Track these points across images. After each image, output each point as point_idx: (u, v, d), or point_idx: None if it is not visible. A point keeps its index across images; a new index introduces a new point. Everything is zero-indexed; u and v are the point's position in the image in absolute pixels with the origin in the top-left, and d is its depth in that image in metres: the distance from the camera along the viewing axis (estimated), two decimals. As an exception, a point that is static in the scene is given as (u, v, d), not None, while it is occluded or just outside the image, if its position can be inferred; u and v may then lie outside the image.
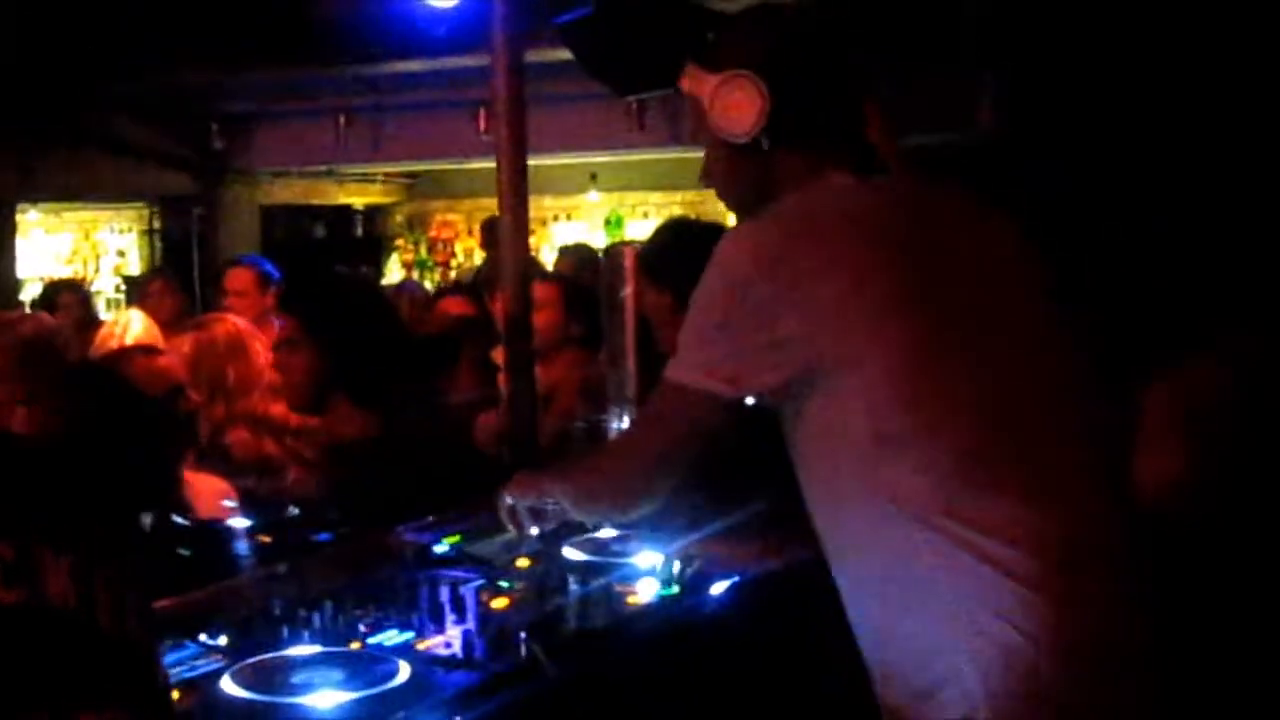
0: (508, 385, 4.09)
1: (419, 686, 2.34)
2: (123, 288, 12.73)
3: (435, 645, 2.61)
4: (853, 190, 2.39)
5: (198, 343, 4.40)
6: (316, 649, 2.54)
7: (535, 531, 2.82)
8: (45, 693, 1.48)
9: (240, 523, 3.41)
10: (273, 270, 6.60)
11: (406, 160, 12.32)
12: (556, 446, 4.32)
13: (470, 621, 2.66)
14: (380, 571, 3.00)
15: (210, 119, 11.32)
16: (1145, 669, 2.28)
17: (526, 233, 4.55)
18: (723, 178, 2.50)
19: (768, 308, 2.23)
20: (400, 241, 13.91)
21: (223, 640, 2.58)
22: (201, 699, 2.31)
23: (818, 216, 2.33)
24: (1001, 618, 2.18)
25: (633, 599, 2.90)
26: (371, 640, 2.63)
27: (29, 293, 11.71)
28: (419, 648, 2.58)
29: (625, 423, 3.95)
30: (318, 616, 2.68)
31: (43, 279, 12.19)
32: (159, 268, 11.33)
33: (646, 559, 3.08)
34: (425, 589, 2.85)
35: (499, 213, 4.52)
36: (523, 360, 4.14)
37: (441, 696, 2.34)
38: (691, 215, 12.72)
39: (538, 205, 12.18)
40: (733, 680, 2.78)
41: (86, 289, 10.48)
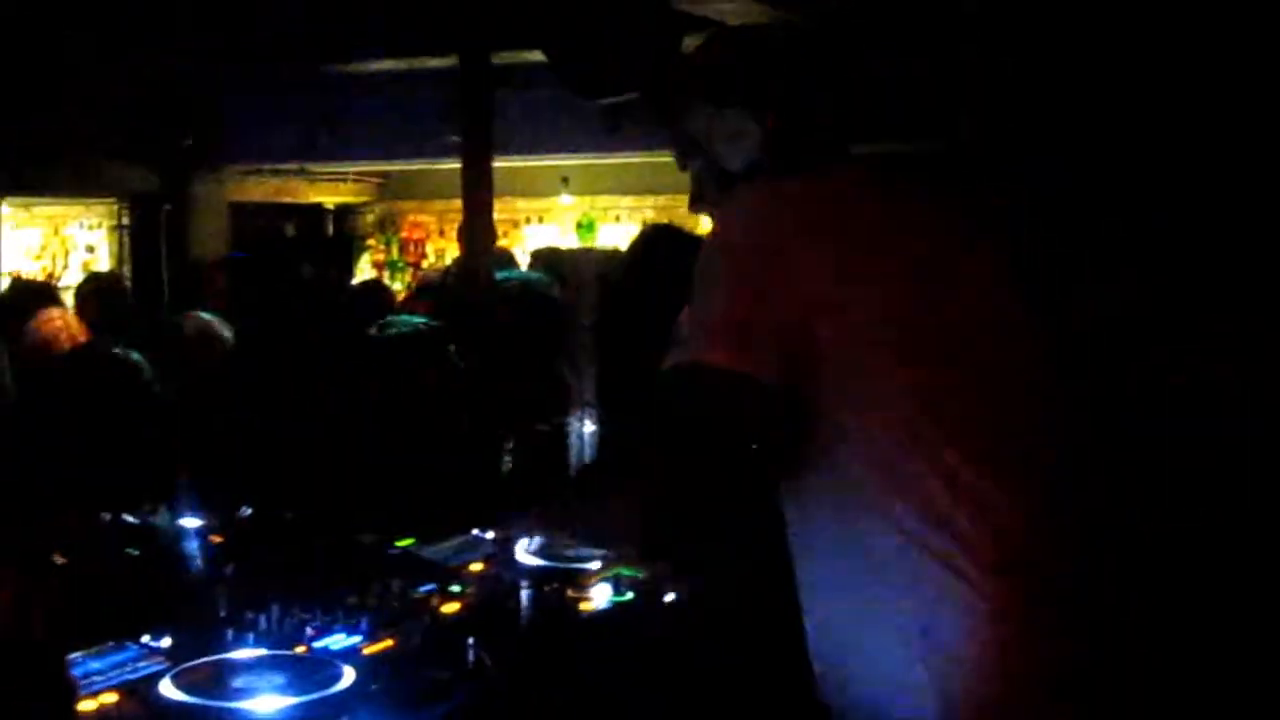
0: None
1: (361, 691, 2.31)
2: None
3: (383, 649, 2.57)
4: (862, 184, 2.37)
5: None
6: (260, 652, 2.50)
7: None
8: None
9: (191, 522, 3.37)
10: None
11: (378, 160, 12.28)
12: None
13: (420, 626, 2.63)
14: (331, 574, 2.97)
15: (181, 116, 11.25)
16: (1102, 700, 2.26)
17: (491, 236, 4.55)
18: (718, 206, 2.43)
19: (786, 266, 2.17)
20: (371, 241, 13.85)
21: (165, 642, 2.54)
22: (140, 703, 2.27)
23: (835, 197, 2.31)
24: (963, 637, 2.16)
25: (585, 605, 2.87)
26: (318, 644, 2.60)
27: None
28: (366, 652, 2.55)
29: (586, 427, 3.93)
30: (263, 619, 2.64)
31: (9, 274, 12.10)
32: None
33: (599, 565, 3.04)
34: (376, 592, 2.82)
35: (462, 216, 4.52)
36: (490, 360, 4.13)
37: (384, 702, 2.31)
38: (664, 220, 12.81)
39: (510, 207, 12.18)
40: (684, 687, 2.76)
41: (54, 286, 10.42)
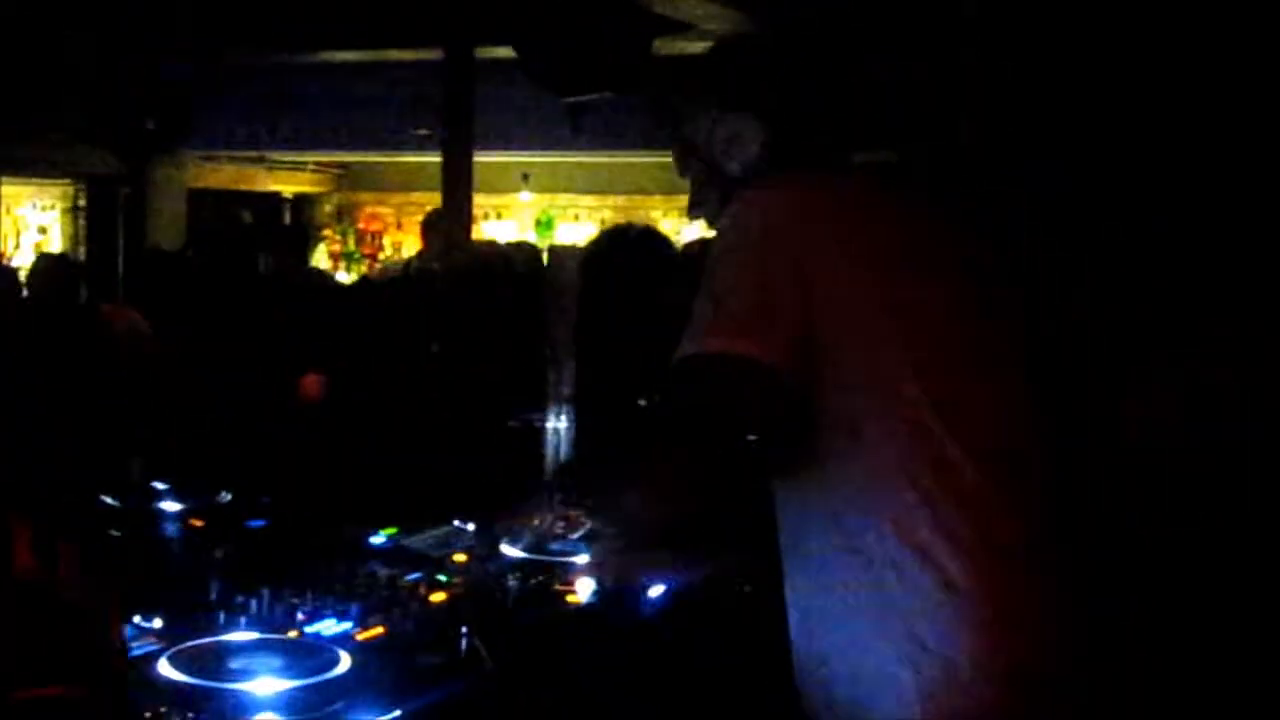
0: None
1: (360, 676, 2.32)
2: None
3: (375, 636, 2.58)
4: (866, 187, 2.42)
5: None
6: (255, 635, 2.51)
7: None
8: (11, 667, 1.46)
9: (171, 506, 3.37)
10: None
11: (338, 150, 12.25)
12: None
13: (410, 614, 2.65)
14: (317, 560, 2.97)
15: (142, 99, 11.18)
16: (1083, 699, 2.29)
17: (469, 228, 4.56)
18: (719, 211, 2.44)
19: (794, 259, 2.21)
20: (328, 232, 13.82)
21: (157, 623, 2.54)
22: (139, 680, 2.27)
23: (841, 198, 2.36)
24: (944, 632, 2.18)
25: (571, 598, 2.89)
26: (309, 629, 2.61)
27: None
28: (359, 638, 2.56)
29: (562, 423, 3.95)
30: (254, 603, 2.65)
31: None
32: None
33: (584, 559, 3.07)
34: (364, 580, 2.83)
35: (443, 207, 4.53)
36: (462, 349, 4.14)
37: (382, 687, 2.32)
38: (623, 220, 12.83)
39: (468, 202, 12.17)
40: (673, 682, 2.78)
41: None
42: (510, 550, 3.15)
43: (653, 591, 2.93)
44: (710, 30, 7.79)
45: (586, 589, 2.90)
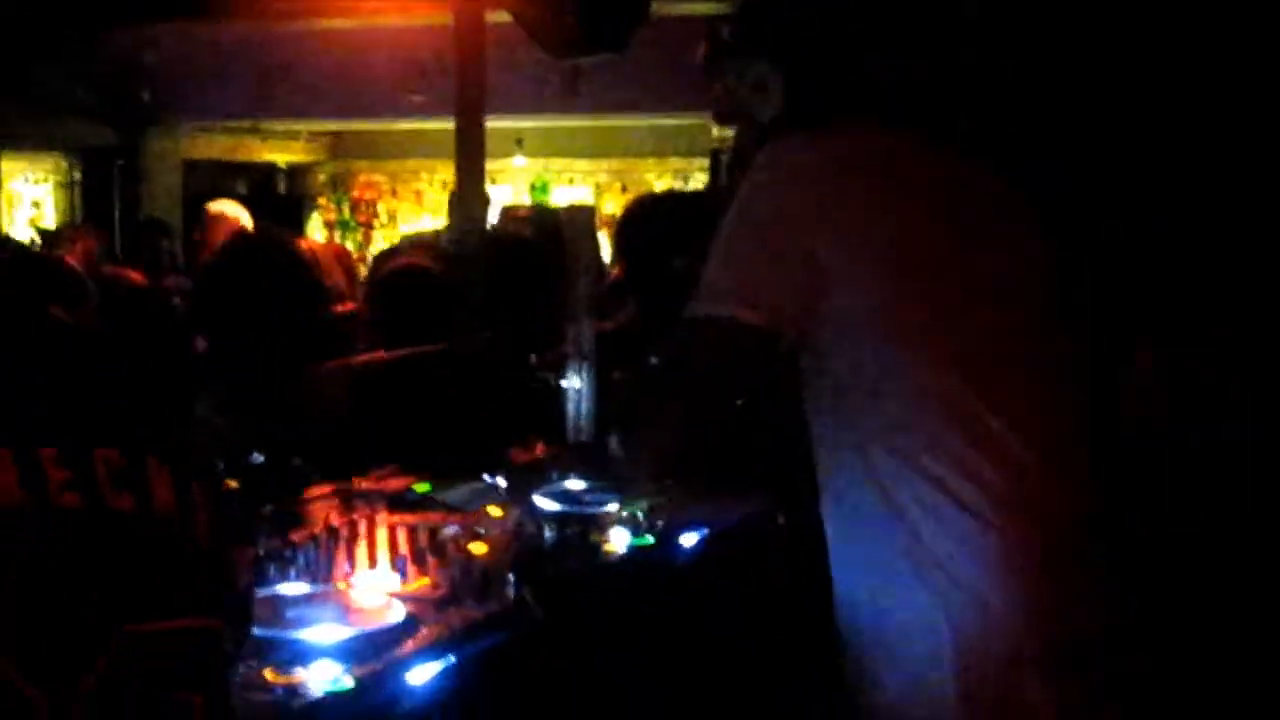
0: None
1: (414, 625, 2.38)
2: (37, 240, 12.52)
3: (422, 588, 2.64)
4: (887, 136, 2.43)
5: None
6: (307, 587, 2.56)
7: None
8: (150, 600, 1.51)
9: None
10: None
11: (332, 118, 12.23)
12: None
13: (454, 565, 2.70)
14: (357, 516, 3.02)
15: (135, 70, 11.17)
16: (1111, 658, 2.34)
17: (482, 192, 4.60)
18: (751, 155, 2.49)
19: (794, 209, 2.27)
20: (323, 201, 13.80)
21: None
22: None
23: (857, 149, 2.38)
24: (979, 572, 2.24)
25: (608, 548, 2.95)
26: (356, 581, 2.66)
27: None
28: (406, 589, 2.62)
29: (580, 382, 4.00)
30: (302, 557, 2.70)
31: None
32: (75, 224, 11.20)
33: (616, 510, 3.12)
34: (406, 533, 2.88)
35: (455, 174, 4.55)
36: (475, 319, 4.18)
37: (436, 635, 2.38)
38: (617, 184, 12.85)
39: (464, 168, 12.16)
40: (709, 631, 2.85)
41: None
42: (544, 503, 3.20)
43: (687, 539, 3.00)
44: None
45: (622, 539, 2.97)
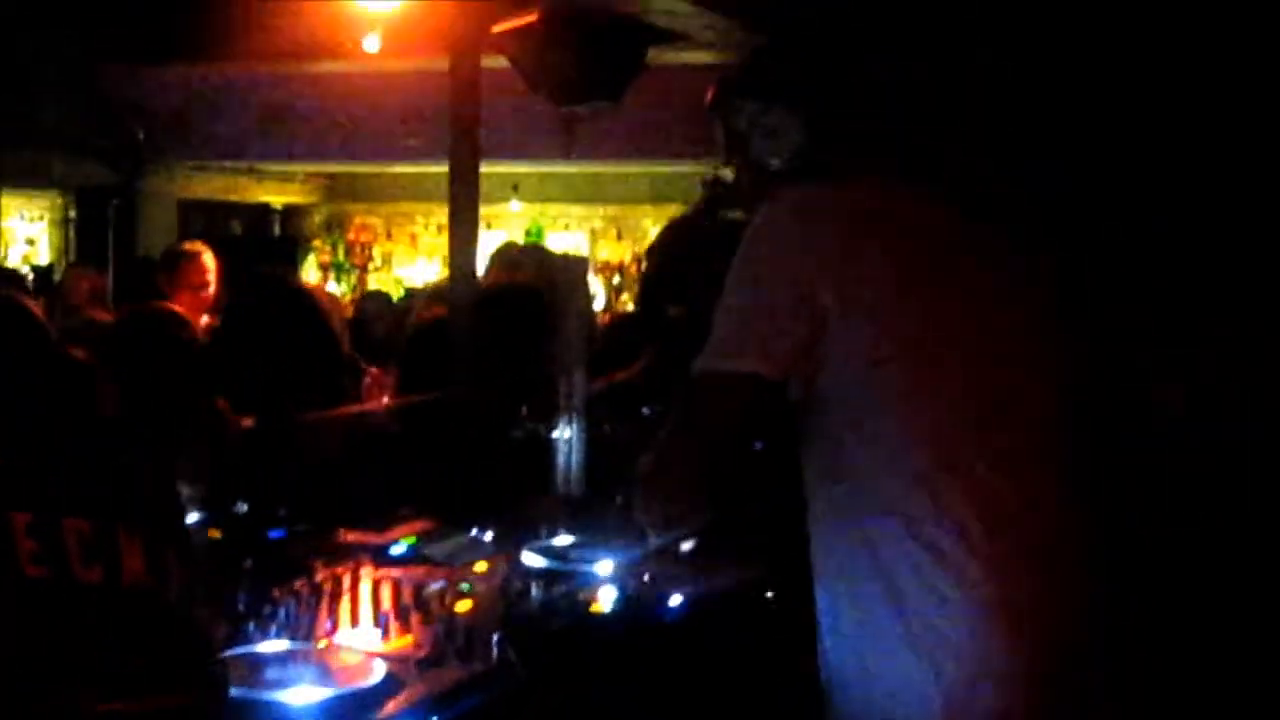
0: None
1: (396, 685, 2.33)
2: (31, 277, 12.51)
3: (404, 647, 2.59)
4: (888, 186, 2.42)
5: None
6: (287, 644, 2.52)
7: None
8: (122, 676, 1.47)
9: (189, 517, 3.36)
10: None
11: (328, 160, 12.22)
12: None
13: (438, 622, 2.66)
14: (339, 571, 2.98)
15: (131, 110, 11.17)
16: (1098, 695, 2.33)
17: (475, 238, 4.57)
18: (760, 204, 2.46)
19: (801, 262, 2.26)
20: (318, 242, 13.77)
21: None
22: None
23: (858, 200, 2.37)
24: (965, 630, 2.21)
25: (595, 606, 2.90)
26: (337, 639, 2.62)
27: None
28: (388, 647, 2.57)
29: (570, 433, 3.96)
30: (282, 613, 2.66)
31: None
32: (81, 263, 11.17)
33: (604, 567, 3.09)
34: (389, 589, 2.84)
35: (449, 219, 4.53)
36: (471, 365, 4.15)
37: (418, 696, 2.33)
38: (612, 230, 12.84)
39: (460, 212, 12.14)
40: (697, 691, 2.80)
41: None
42: (532, 559, 3.16)
43: (675, 599, 2.95)
44: (704, 40, 7.79)
45: (609, 597, 2.92)
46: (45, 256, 13.25)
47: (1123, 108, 4.05)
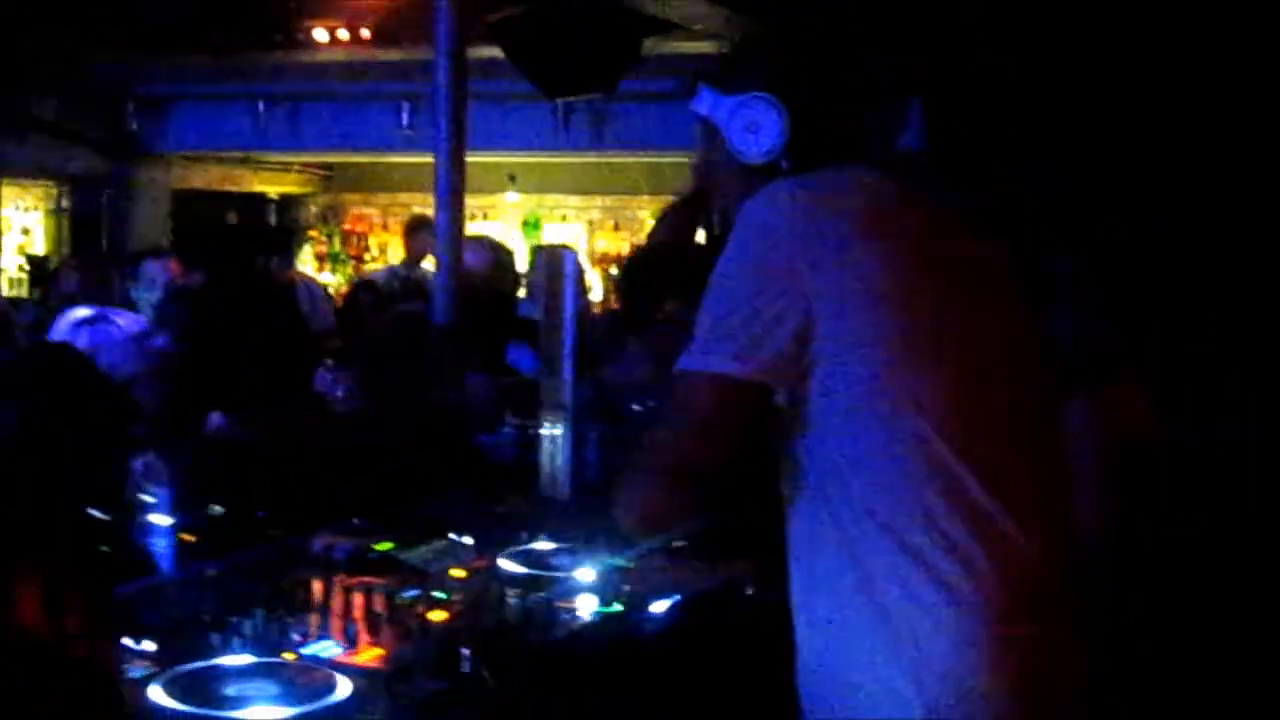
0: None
1: (359, 703, 2.25)
2: (26, 267, 12.47)
3: (372, 659, 2.51)
4: (875, 181, 2.36)
5: None
6: (250, 659, 2.43)
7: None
8: None
9: (162, 520, 3.28)
10: None
11: (324, 151, 12.15)
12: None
13: (410, 633, 2.57)
14: (310, 578, 2.89)
15: (125, 99, 11.10)
16: (1087, 711, 2.27)
17: (461, 229, 4.49)
18: (738, 200, 2.41)
19: (789, 260, 2.20)
20: (314, 233, 13.71)
21: (149, 646, 2.46)
22: (130, 709, 2.19)
23: (845, 193, 2.30)
24: (949, 645, 2.15)
25: (574, 615, 2.82)
26: (305, 651, 2.53)
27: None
28: (357, 660, 2.48)
29: (557, 431, 3.88)
30: (249, 624, 2.57)
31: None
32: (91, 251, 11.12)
33: (586, 575, 3.00)
34: (359, 598, 2.75)
35: (434, 209, 4.46)
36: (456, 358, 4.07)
37: (382, 715, 2.25)
38: (610, 221, 12.78)
39: (456, 203, 12.07)
40: (680, 696, 2.72)
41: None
42: (509, 565, 3.08)
43: (658, 607, 2.87)
44: (699, 30, 7.72)
45: (589, 607, 2.84)
46: (41, 246, 13.20)
47: (1122, 108, 4.01)
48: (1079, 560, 2.33)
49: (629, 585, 2.95)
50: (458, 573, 3.04)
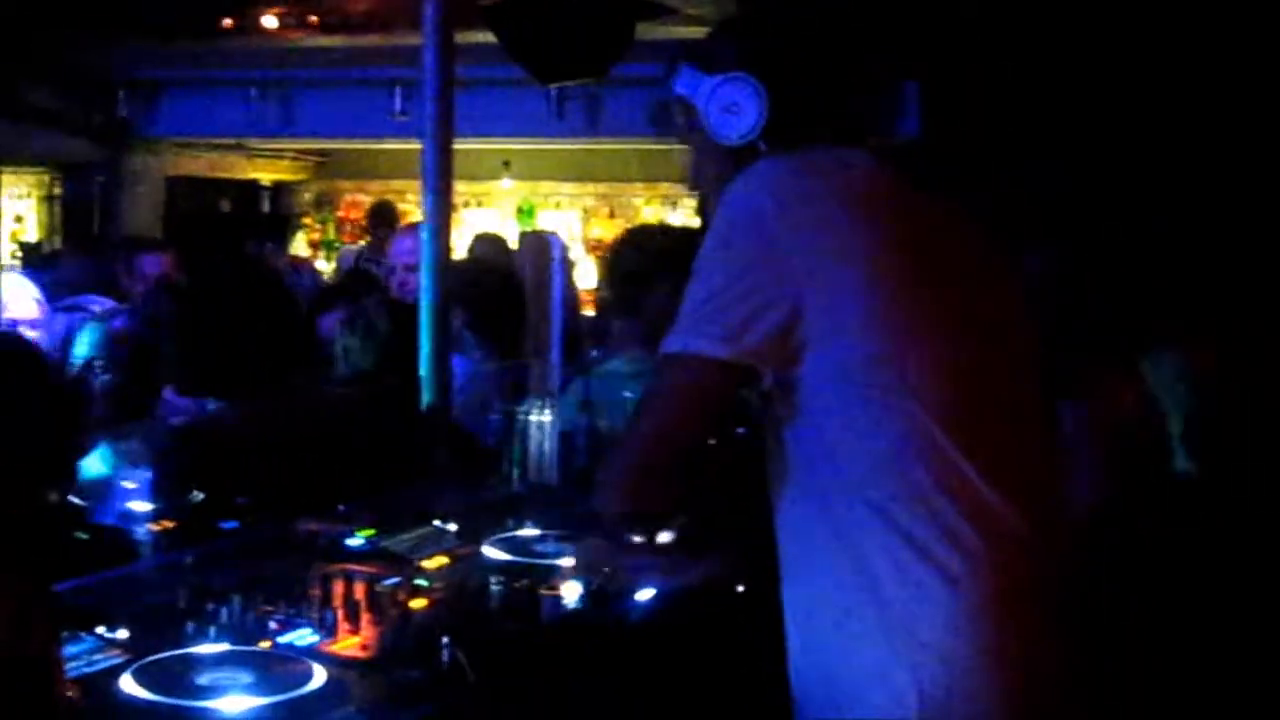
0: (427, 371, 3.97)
1: (334, 692, 2.21)
2: (19, 254, 12.43)
3: (350, 647, 2.46)
4: (861, 164, 2.34)
5: None
6: (224, 647, 2.39)
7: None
8: None
9: (141, 506, 3.24)
10: None
11: (318, 137, 12.10)
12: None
13: (388, 623, 2.53)
14: (290, 565, 2.85)
15: (117, 85, 11.04)
16: (1081, 697, 2.26)
17: (449, 216, 4.45)
18: (715, 181, 2.40)
19: (777, 242, 2.17)
20: (308, 220, 13.67)
21: (122, 634, 2.42)
22: (100, 698, 2.15)
23: (832, 174, 2.28)
24: (943, 627, 2.13)
25: (556, 602, 2.77)
26: (281, 639, 2.48)
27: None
28: (334, 649, 2.44)
29: (545, 416, 3.85)
30: (224, 611, 2.53)
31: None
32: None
33: (569, 562, 2.96)
34: (339, 586, 2.71)
35: (422, 195, 4.43)
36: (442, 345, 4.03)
37: (357, 704, 2.21)
38: (605, 208, 12.74)
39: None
40: (664, 686, 2.68)
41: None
42: (492, 552, 3.04)
43: (642, 595, 2.83)
44: (693, 15, 7.68)
45: (573, 593, 2.80)
46: (34, 233, 13.16)
47: (1122, 107, 4.00)
48: (1071, 544, 2.32)
49: (613, 573, 2.91)
50: (440, 560, 3.00)
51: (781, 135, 2.34)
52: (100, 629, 2.42)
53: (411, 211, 13.01)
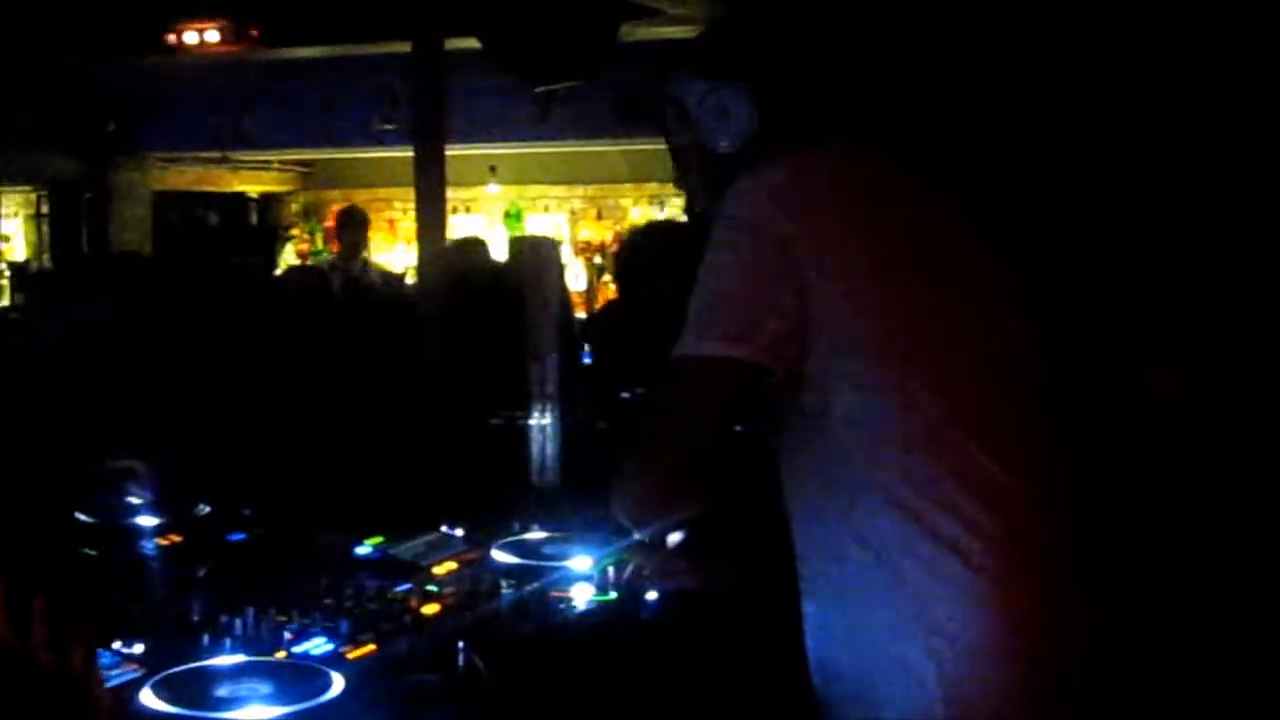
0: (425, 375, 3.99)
1: (354, 700, 2.21)
2: (7, 274, 12.42)
3: (365, 654, 2.47)
4: (863, 161, 2.35)
5: None
6: (242, 659, 2.39)
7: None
8: None
9: (148, 520, 3.25)
10: None
11: (303, 148, 12.08)
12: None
13: (401, 629, 2.54)
14: (301, 575, 2.86)
15: (103, 102, 11.02)
16: (1104, 689, 2.25)
17: (443, 222, 4.47)
18: (706, 186, 2.41)
19: (782, 242, 2.17)
20: (295, 231, 13.64)
21: (139, 649, 2.43)
22: (120, 713, 2.16)
23: (835, 171, 2.30)
24: (966, 616, 2.14)
25: (568, 606, 2.78)
26: (297, 649, 2.49)
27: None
28: (349, 657, 2.45)
29: (546, 420, 3.86)
30: (239, 623, 2.53)
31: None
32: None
33: (580, 563, 2.97)
34: (350, 594, 2.72)
35: (415, 202, 4.44)
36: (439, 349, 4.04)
37: (375, 710, 2.22)
38: (592, 210, 12.73)
39: (437, 196, 12.02)
40: (680, 687, 2.69)
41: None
42: (502, 556, 3.05)
43: (654, 597, 2.84)
44: (677, 15, 7.70)
45: (584, 596, 2.81)
46: (21, 252, 13.14)
47: (1119, 106, 4.00)
48: (1082, 524, 2.31)
49: (624, 576, 2.92)
50: (450, 565, 3.01)
51: (773, 141, 2.33)
52: (116, 643, 2.43)
53: (400, 219, 13.03)
